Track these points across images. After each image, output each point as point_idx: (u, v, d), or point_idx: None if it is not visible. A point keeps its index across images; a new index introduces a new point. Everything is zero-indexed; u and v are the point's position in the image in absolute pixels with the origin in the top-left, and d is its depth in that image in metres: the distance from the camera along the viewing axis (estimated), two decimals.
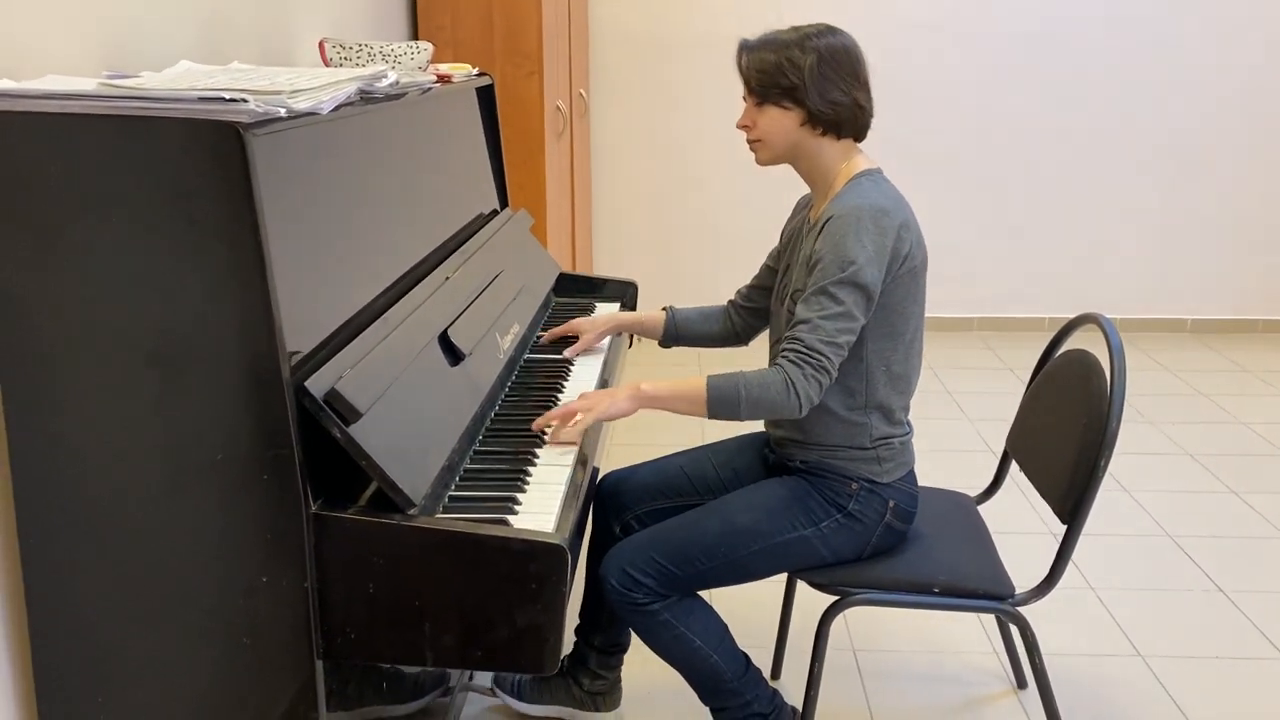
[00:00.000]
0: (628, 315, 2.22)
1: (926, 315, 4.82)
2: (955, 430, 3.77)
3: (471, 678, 2.23)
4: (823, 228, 1.76)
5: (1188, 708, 2.24)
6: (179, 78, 1.39)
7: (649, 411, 1.91)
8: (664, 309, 2.17)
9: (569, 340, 2.21)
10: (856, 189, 1.79)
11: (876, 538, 1.86)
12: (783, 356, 1.73)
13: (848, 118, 1.80)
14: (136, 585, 1.32)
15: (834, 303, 1.71)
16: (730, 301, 2.14)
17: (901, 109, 4.70)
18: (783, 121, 1.81)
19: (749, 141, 1.85)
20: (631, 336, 2.53)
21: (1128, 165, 4.79)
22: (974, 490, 2.22)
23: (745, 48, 1.83)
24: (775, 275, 2.01)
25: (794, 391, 1.70)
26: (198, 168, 1.18)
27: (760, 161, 1.87)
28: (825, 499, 1.84)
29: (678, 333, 2.16)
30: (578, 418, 1.75)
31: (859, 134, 1.84)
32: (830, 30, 1.81)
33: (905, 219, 1.77)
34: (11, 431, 1.28)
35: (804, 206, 1.98)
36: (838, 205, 1.77)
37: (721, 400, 1.73)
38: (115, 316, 1.23)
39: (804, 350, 1.71)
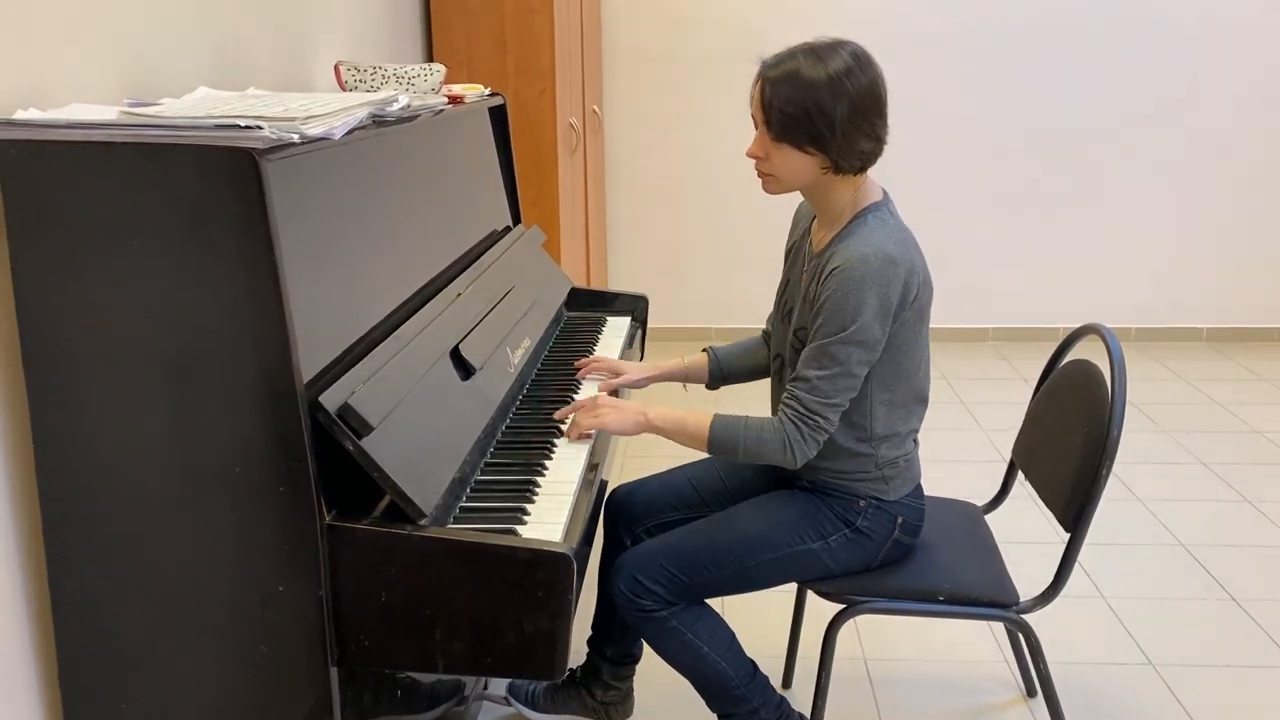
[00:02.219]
0: (670, 364, 2.14)
1: (940, 325, 4.88)
2: (968, 440, 3.78)
3: (486, 687, 2.27)
4: (829, 273, 1.71)
5: (1198, 716, 2.25)
6: (197, 104, 1.44)
7: None
8: (704, 350, 2.13)
9: (603, 381, 2.14)
10: (863, 230, 1.74)
11: (884, 553, 1.89)
12: (782, 413, 1.76)
13: (869, 159, 1.75)
14: (157, 594, 1.36)
15: (834, 363, 1.71)
16: (764, 331, 2.11)
17: (914, 120, 4.72)
18: (801, 164, 1.73)
19: (760, 172, 1.78)
20: (642, 348, 2.57)
21: (1142, 174, 4.80)
22: (985, 499, 2.24)
23: (768, 78, 1.71)
24: None
25: (790, 449, 1.75)
26: (215, 192, 1.23)
27: (769, 192, 1.80)
28: (834, 514, 1.86)
29: (723, 372, 2.12)
30: (589, 420, 1.82)
31: (873, 164, 1.78)
32: (858, 61, 1.69)
33: (911, 262, 1.72)
34: (39, 445, 1.33)
35: (805, 217, 1.96)
36: (844, 252, 1.71)
37: (720, 445, 1.78)
38: (137, 335, 1.28)
39: (803, 411, 1.74)
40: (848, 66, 1.68)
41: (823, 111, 1.67)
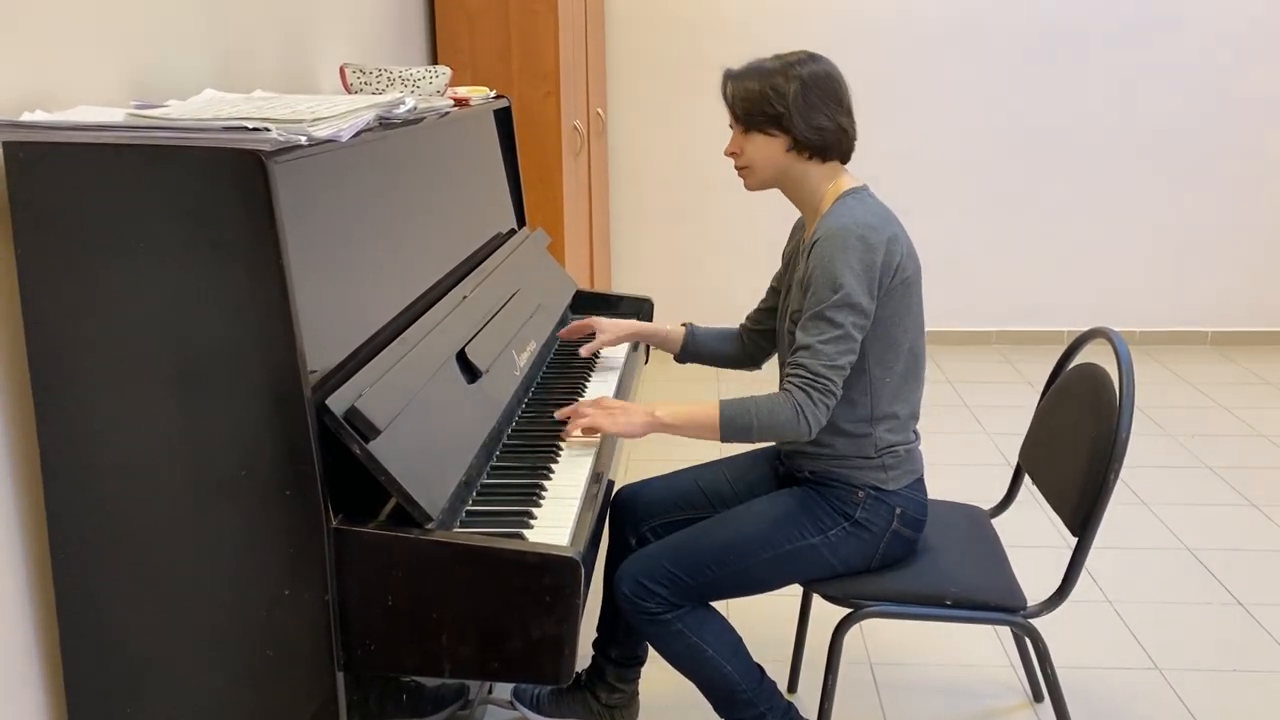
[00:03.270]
0: (648, 325, 2.25)
1: (944, 329, 4.87)
2: (973, 443, 3.77)
3: (490, 690, 2.26)
4: (813, 247, 1.79)
5: None
6: (204, 106, 1.44)
7: None
8: (684, 325, 2.21)
9: (584, 345, 2.24)
10: (842, 208, 1.82)
11: (885, 546, 1.88)
12: (789, 382, 1.78)
13: (833, 142, 1.83)
14: (163, 599, 1.35)
15: (831, 326, 1.75)
16: (741, 325, 2.17)
17: (916, 122, 4.72)
18: (768, 148, 1.84)
19: (737, 168, 1.89)
20: (648, 351, 2.57)
21: (1147, 177, 4.79)
22: (991, 503, 2.23)
23: (729, 77, 1.87)
24: (779, 296, 2.05)
25: (803, 417, 1.75)
26: (222, 194, 1.23)
27: (749, 187, 1.91)
28: (833, 507, 1.86)
29: (695, 349, 2.19)
30: (592, 421, 1.81)
31: (844, 156, 1.87)
32: (812, 58, 1.83)
33: (892, 233, 1.79)
34: (45, 450, 1.32)
35: (800, 228, 2.02)
36: (824, 226, 1.80)
37: (733, 427, 1.78)
38: (143, 337, 1.28)
39: (809, 376, 1.76)
40: (801, 57, 1.83)
41: (776, 91, 1.80)
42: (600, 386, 2.15)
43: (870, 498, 1.86)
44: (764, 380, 3.93)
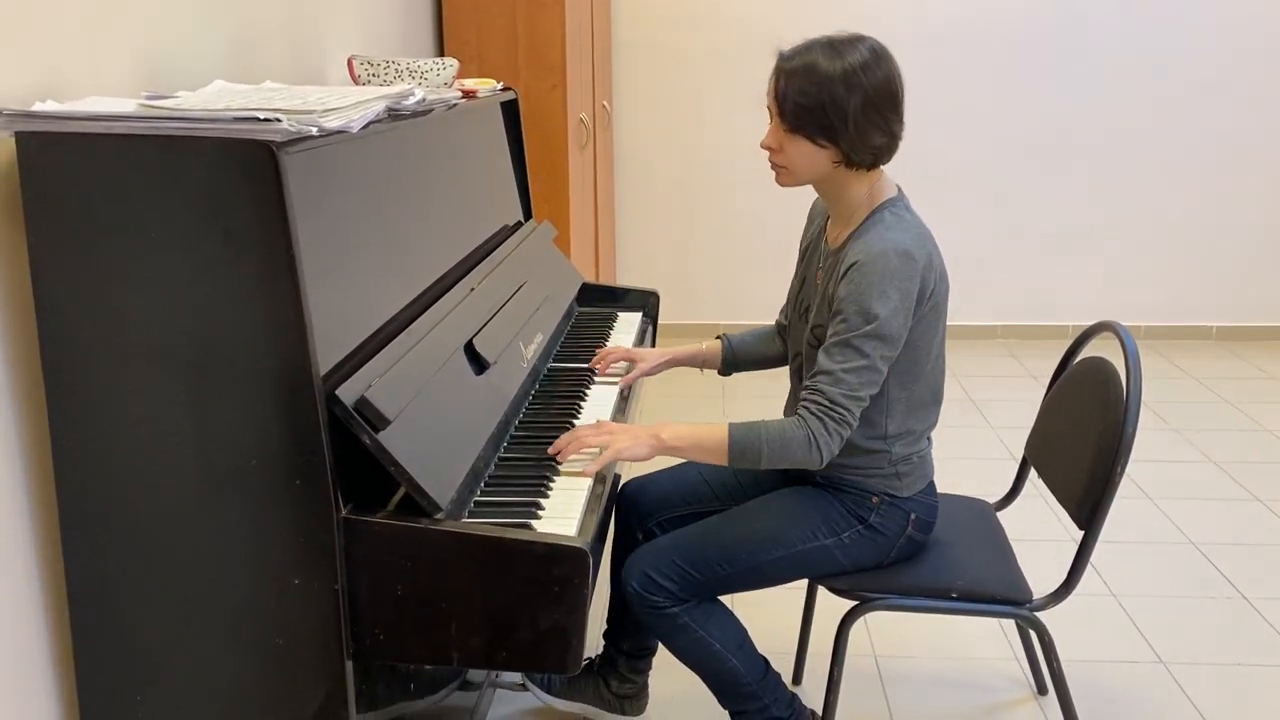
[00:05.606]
0: (684, 349, 2.15)
1: (950, 323, 4.85)
2: (978, 438, 3.77)
3: (498, 675, 2.27)
4: (846, 271, 1.71)
5: (1209, 715, 2.24)
6: (214, 97, 1.44)
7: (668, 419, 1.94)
8: (718, 338, 2.14)
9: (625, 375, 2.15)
10: (880, 225, 1.73)
11: (897, 549, 1.88)
12: (804, 408, 1.71)
13: (882, 153, 1.74)
14: (173, 587, 1.36)
15: (858, 355, 1.69)
16: (776, 323, 2.12)
17: (923, 117, 4.71)
18: (814, 156, 1.73)
19: (773, 164, 1.78)
20: (653, 339, 2.57)
21: (1152, 172, 4.78)
22: (997, 497, 2.23)
23: (783, 61, 1.72)
24: None
25: (815, 446, 1.69)
26: (233, 185, 1.23)
27: (782, 184, 1.80)
28: (847, 510, 1.85)
29: (736, 359, 2.12)
30: (596, 452, 1.70)
31: (888, 161, 1.77)
32: (875, 56, 1.69)
33: (928, 257, 1.72)
34: (56, 439, 1.33)
35: (819, 214, 1.96)
36: (861, 249, 1.71)
37: (743, 453, 1.71)
38: (154, 328, 1.28)
39: (827, 404, 1.69)
40: (863, 60, 1.69)
41: (836, 104, 1.67)
42: (607, 387, 2.15)
43: (885, 503, 1.85)
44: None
